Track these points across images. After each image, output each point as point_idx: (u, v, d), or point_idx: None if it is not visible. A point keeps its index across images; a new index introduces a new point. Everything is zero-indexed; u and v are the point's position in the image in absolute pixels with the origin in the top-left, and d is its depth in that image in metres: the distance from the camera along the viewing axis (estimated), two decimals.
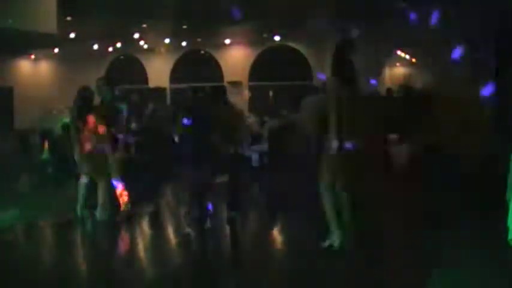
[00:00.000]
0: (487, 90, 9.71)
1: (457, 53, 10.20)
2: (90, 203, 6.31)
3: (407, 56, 13.56)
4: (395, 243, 5.35)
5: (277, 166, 9.30)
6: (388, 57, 13.16)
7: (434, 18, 10.22)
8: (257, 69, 16.70)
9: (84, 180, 6.29)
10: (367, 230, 5.36)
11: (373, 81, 11.87)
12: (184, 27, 13.05)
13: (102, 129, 6.10)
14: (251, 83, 16.82)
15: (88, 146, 6.11)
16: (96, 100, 6.50)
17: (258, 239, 5.72)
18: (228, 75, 16.86)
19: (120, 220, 6.22)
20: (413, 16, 10.79)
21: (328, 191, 4.81)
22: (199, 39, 15.77)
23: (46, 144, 10.15)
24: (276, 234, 5.96)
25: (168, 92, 17.25)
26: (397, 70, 14.26)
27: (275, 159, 9.66)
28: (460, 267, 4.35)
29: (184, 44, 16.17)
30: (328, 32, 13.28)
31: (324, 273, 4.40)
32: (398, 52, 13.23)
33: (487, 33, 9.60)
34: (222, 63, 17.03)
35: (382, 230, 5.81)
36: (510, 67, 9.32)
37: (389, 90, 11.75)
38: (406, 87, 11.35)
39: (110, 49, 16.57)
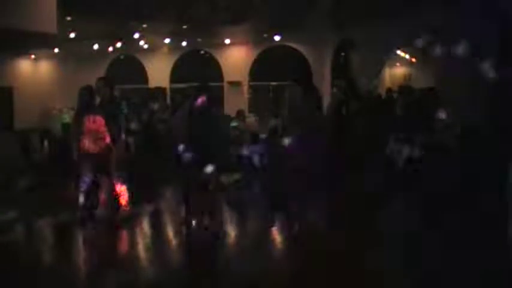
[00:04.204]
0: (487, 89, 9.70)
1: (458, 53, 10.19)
2: (91, 203, 6.30)
3: (407, 56, 13.57)
4: None
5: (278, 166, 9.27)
6: (388, 57, 13.16)
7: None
8: (257, 69, 16.69)
9: (84, 180, 6.29)
10: None
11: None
12: (184, 27, 13.04)
13: (102, 129, 6.11)
14: (251, 83, 16.82)
15: (88, 146, 6.11)
16: (96, 100, 6.50)
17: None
18: (228, 75, 16.86)
19: (120, 220, 6.22)
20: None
21: None
22: (199, 39, 15.76)
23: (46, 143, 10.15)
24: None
25: (168, 91, 17.24)
26: (397, 70, 14.27)
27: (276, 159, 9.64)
28: None
29: (184, 44, 16.17)
30: (327, 32, 13.30)
31: None
32: (398, 52, 13.24)
33: (489, 33, 9.58)
34: (222, 63, 17.02)
35: None
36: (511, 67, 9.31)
37: (389, 90, 11.74)
38: (405, 88, 11.34)
39: (110, 49, 16.56)
